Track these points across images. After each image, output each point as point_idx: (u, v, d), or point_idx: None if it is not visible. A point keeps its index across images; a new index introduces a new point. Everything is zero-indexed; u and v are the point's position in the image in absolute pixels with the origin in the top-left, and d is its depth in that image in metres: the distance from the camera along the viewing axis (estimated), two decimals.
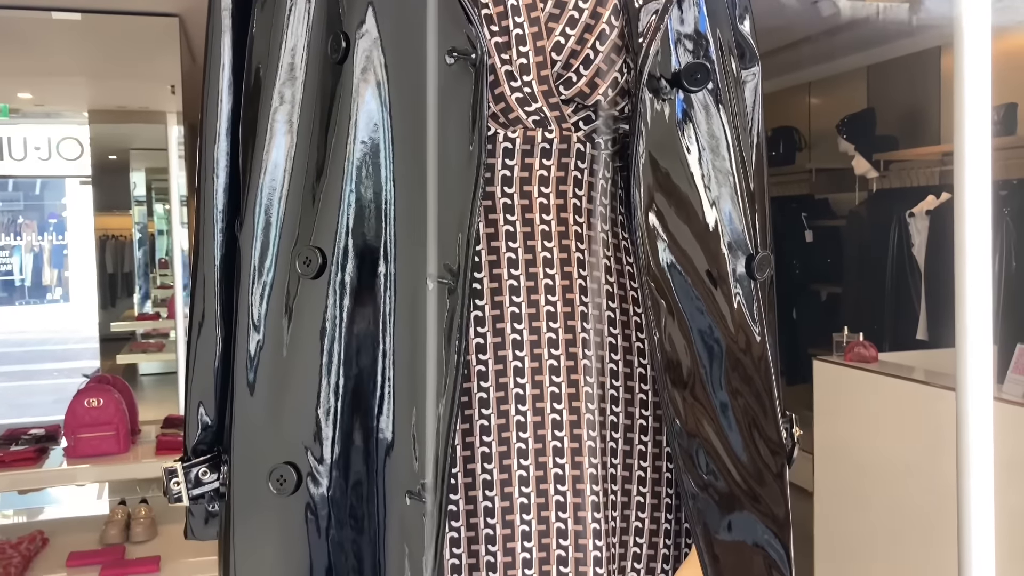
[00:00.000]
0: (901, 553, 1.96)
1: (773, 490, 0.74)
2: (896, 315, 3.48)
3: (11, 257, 12.22)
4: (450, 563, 0.72)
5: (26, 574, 2.42)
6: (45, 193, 12.20)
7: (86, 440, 2.88)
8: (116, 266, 8.99)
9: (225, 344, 0.75)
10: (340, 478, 0.68)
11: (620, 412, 0.75)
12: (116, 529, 2.68)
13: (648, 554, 0.77)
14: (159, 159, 7.58)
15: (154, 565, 2.44)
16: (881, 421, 2.05)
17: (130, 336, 7.29)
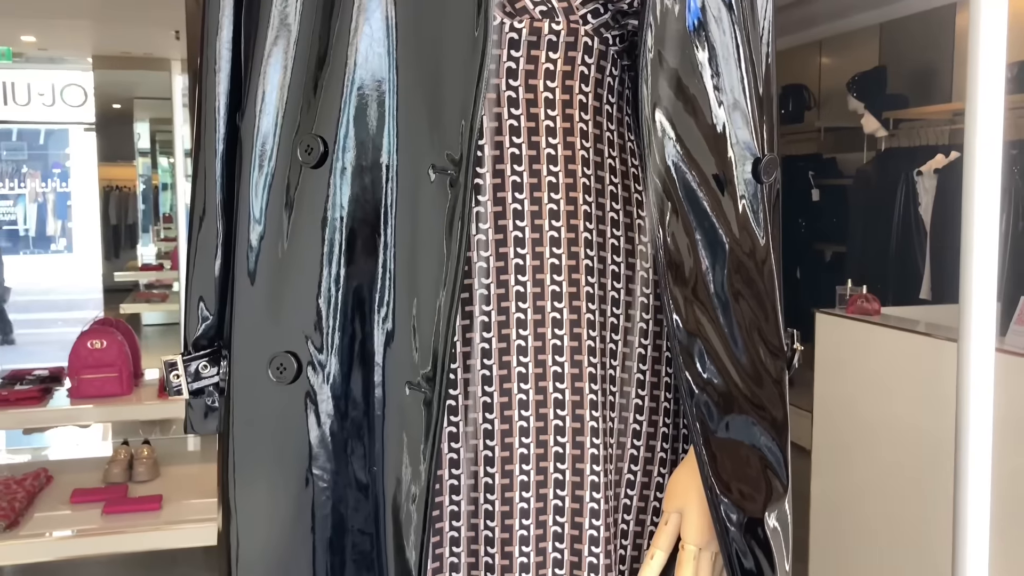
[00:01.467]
0: (898, 510, 1.97)
1: (772, 393, 0.74)
2: (900, 274, 3.47)
3: (15, 207, 12.21)
4: (448, 456, 0.73)
5: (30, 509, 2.45)
6: (49, 142, 12.15)
7: (89, 381, 2.89)
8: (120, 217, 8.98)
9: (226, 238, 0.74)
10: (340, 367, 0.68)
11: (620, 314, 0.75)
12: (119, 468, 2.71)
13: (645, 456, 0.78)
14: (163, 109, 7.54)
15: (156, 503, 2.47)
16: (882, 375, 2.05)
17: (133, 287, 7.32)
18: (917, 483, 1.91)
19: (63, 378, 3.13)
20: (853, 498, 2.13)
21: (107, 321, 3.13)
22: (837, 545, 2.17)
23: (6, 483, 2.55)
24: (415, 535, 0.67)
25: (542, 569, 0.73)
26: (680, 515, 0.72)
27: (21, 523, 2.35)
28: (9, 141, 12.05)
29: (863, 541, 2.08)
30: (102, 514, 2.41)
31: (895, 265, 3.50)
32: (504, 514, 0.73)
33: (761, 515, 0.72)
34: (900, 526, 1.96)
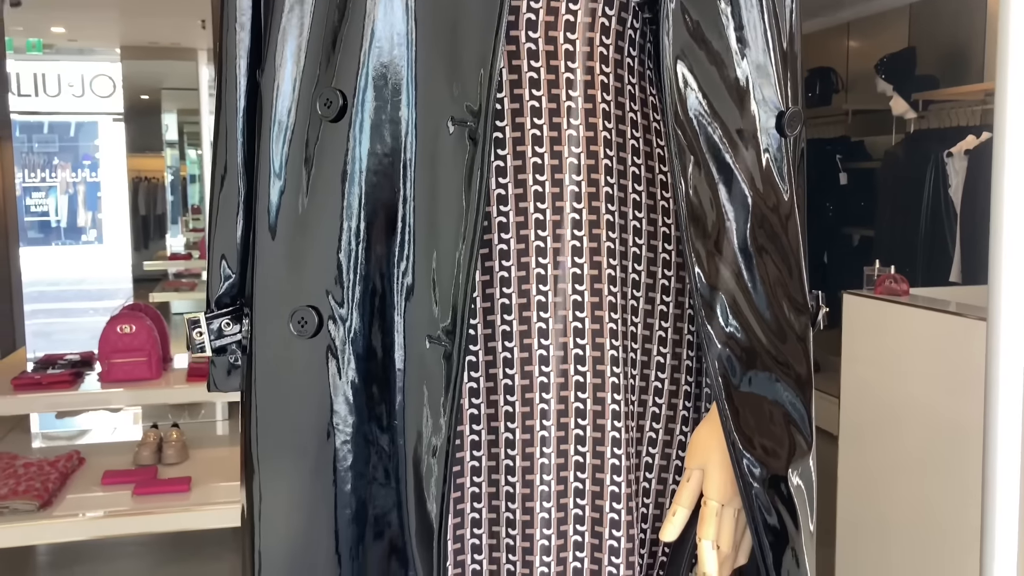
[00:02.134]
0: (926, 494, 1.95)
1: (796, 350, 0.73)
2: (930, 258, 3.43)
3: (47, 198, 12.38)
4: (469, 412, 0.73)
5: (63, 490, 2.49)
6: (80, 134, 12.29)
7: (119, 365, 2.93)
8: (148, 208, 9.08)
9: (247, 196, 0.75)
10: (361, 321, 0.69)
11: (642, 271, 0.74)
12: (149, 451, 2.75)
13: (667, 415, 0.77)
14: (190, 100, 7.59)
15: (185, 485, 2.50)
16: (911, 357, 2.02)
17: (162, 276, 7.40)
18: (945, 465, 1.89)
19: (94, 363, 3.18)
20: (880, 483, 2.11)
21: (136, 306, 3.17)
22: (864, 530, 2.15)
23: (39, 465, 2.60)
24: (436, 487, 0.67)
25: (563, 525, 0.73)
26: (702, 472, 0.72)
27: (54, 503, 2.39)
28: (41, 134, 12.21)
29: (890, 525, 2.06)
30: (132, 495, 2.45)
31: (924, 248, 3.46)
32: (525, 469, 0.73)
33: (785, 472, 0.71)
34: (928, 509, 1.94)
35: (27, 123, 11.57)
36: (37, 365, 3.11)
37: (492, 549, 0.75)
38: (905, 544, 2.00)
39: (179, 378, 2.95)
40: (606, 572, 0.73)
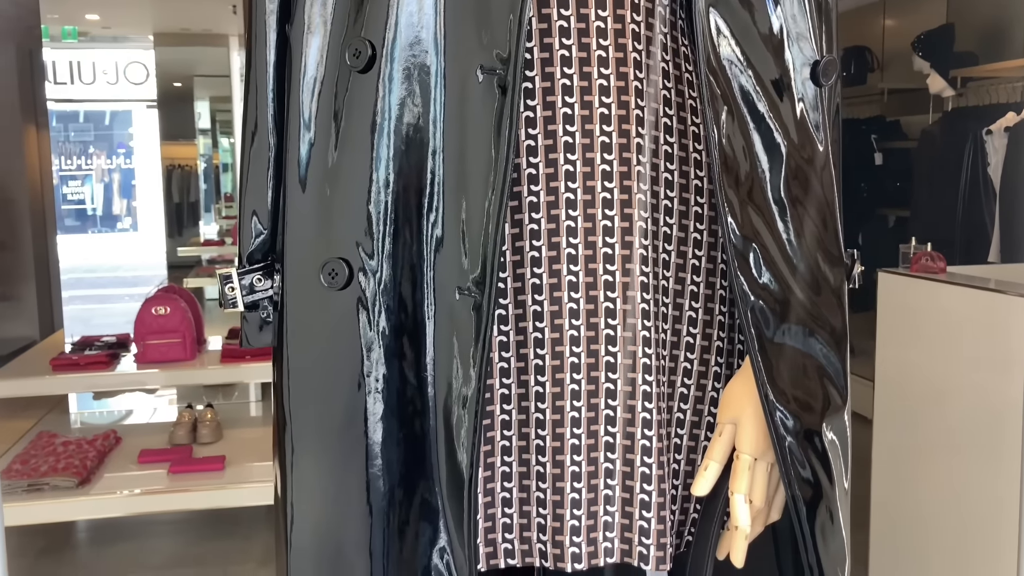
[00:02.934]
0: (964, 475, 1.91)
1: (831, 302, 0.72)
2: (968, 238, 3.37)
3: (83, 187, 12.55)
4: (499, 366, 0.73)
5: (100, 469, 2.53)
6: (114, 123, 12.44)
7: (154, 346, 2.97)
8: (182, 196, 9.18)
9: (278, 152, 0.75)
10: (390, 273, 0.69)
11: (674, 224, 0.73)
12: (184, 431, 2.78)
13: (699, 370, 0.76)
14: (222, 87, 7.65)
15: (219, 464, 2.53)
16: (948, 337, 1.99)
17: (196, 262, 7.49)
18: (983, 447, 1.85)
19: (129, 344, 3.23)
20: (916, 466, 2.08)
21: (171, 288, 3.21)
22: (899, 514, 2.13)
23: (78, 443, 2.64)
24: (466, 437, 0.67)
25: (593, 479, 0.73)
26: (735, 426, 0.71)
27: (92, 481, 2.43)
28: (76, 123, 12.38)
29: (925, 509, 2.03)
30: (168, 474, 2.49)
31: (962, 228, 3.40)
32: (555, 422, 0.73)
33: (819, 426, 0.70)
34: (965, 493, 1.90)
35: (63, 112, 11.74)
36: (75, 347, 3.16)
37: (522, 503, 0.74)
38: (941, 528, 1.97)
39: (213, 359, 2.98)
40: (637, 526, 0.72)
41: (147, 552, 2.66)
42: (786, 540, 0.76)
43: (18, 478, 2.35)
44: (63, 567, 2.57)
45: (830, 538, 0.70)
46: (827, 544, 0.70)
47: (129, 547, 2.70)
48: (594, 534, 0.73)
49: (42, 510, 2.30)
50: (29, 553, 2.66)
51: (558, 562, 0.73)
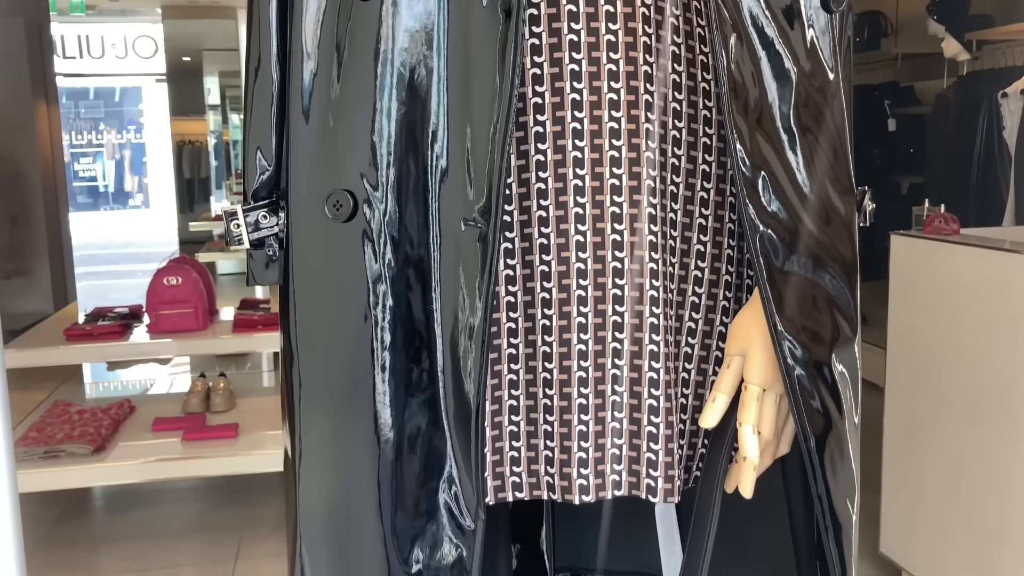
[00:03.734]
0: (976, 440, 1.90)
1: (840, 233, 0.71)
2: (982, 203, 3.34)
3: (94, 164, 12.59)
4: (505, 300, 0.73)
5: (115, 437, 2.55)
6: (124, 99, 12.45)
7: (166, 317, 2.98)
8: (193, 171, 9.20)
9: (281, 86, 0.74)
10: (395, 204, 0.68)
11: (682, 155, 0.73)
12: (197, 399, 2.80)
13: (707, 304, 0.76)
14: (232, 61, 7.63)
15: (232, 431, 2.55)
16: (962, 300, 1.97)
17: (208, 237, 7.52)
18: (996, 412, 1.84)
19: (142, 315, 3.24)
20: (928, 431, 2.07)
21: (182, 259, 3.22)
22: (910, 480, 2.12)
23: (92, 412, 2.66)
24: (474, 369, 0.67)
25: (601, 411, 0.72)
26: (743, 358, 0.70)
27: (107, 448, 2.46)
28: (87, 100, 12.39)
29: (937, 475, 2.02)
30: (182, 441, 2.51)
31: (976, 194, 3.36)
32: (562, 355, 0.72)
33: (828, 358, 0.69)
34: (978, 456, 1.90)
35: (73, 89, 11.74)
36: (88, 317, 3.18)
37: (530, 436, 0.74)
38: (953, 493, 1.97)
39: (225, 329, 3.00)
40: (644, 459, 0.72)
41: (162, 519, 2.69)
42: (795, 472, 0.76)
43: (34, 445, 2.38)
44: (80, 533, 2.60)
45: (840, 470, 0.70)
46: (836, 476, 0.69)
47: (144, 514, 2.73)
48: (601, 466, 0.73)
49: (58, 476, 2.33)
50: (46, 520, 2.70)
51: (566, 494, 0.73)
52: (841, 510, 0.69)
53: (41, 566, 2.39)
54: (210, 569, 2.33)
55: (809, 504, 0.75)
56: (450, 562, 0.68)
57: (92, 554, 2.46)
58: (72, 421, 2.57)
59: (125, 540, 2.54)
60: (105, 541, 2.54)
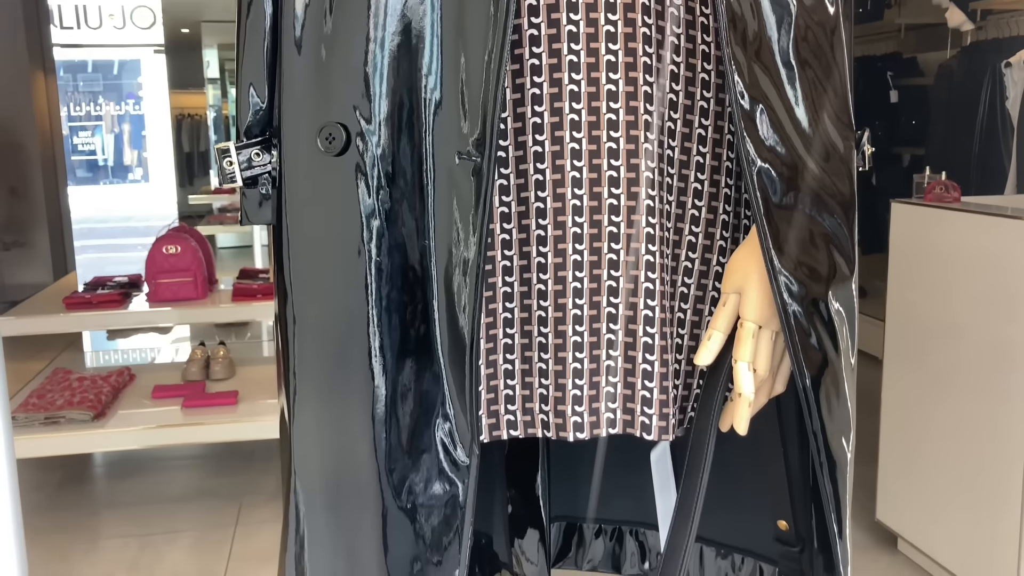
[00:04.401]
0: (972, 411, 1.91)
1: (839, 169, 0.71)
2: (983, 174, 3.32)
3: (93, 137, 12.54)
4: (500, 238, 0.72)
5: (115, 404, 2.56)
6: (123, 73, 12.38)
7: (165, 285, 2.98)
8: (192, 145, 9.17)
9: (274, 21, 0.73)
10: (389, 137, 0.68)
11: (680, 91, 0.72)
12: (196, 367, 2.81)
13: (704, 244, 0.76)
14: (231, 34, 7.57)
15: (232, 399, 2.56)
16: (962, 268, 1.96)
17: (207, 211, 7.50)
18: (993, 381, 1.84)
19: (141, 285, 3.24)
20: (926, 403, 2.07)
21: (181, 228, 3.21)
22: (907, 452, 2.13)
23: (92, 379, 2.67)
24: (468, 303, 0.67)
25: (595, 349, 0.72)
26: (739, 295, 0.70)
27: (107, 415, 2.46)
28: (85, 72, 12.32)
29: (934, 447, 2.03)
30: (182, 408, 2.51)
31: (978, 165, 3.35)
32: (557, 293, 0.72)
33: (825, 295, 0.69)
34: (974, 428, 1.90)
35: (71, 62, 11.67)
36: (87, 287, 3.18)
37: (524, 374, 0.74)
38: (948, 464, 1.97)
39: (225, 298, 3.00)
40: (639, 396, 0.72)
41: (163, 486, 2.70)
42: (790, 413, 0.76)
43: (34, 411, 2.38)
44: (81, 498, 2.61)
45: (835, 408, 0.70)
46: (832, 413, 0.69)
47: (145, 481, 2.75)
48: (596, 404, 0.73)
49: (59, 442, 2.34)
50: (47, 486, 2.71)
51: (560, 431, 0.73)
52: (836, 448, 0.69)
53: (43, 530, 2.40)
54: (210, 534, 2.35)
55: (805, 447, 0.75)
56: (444, 497, 0.68)
57: (93, 519, 2.47)
58: (72, 388, 2.58)
59: (126, 506, 2.55)
60: (106, 507, 2.56)
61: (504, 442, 0.92)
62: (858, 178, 0.74)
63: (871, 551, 2.22)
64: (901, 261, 2.18)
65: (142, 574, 2.14)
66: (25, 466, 2.87)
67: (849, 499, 0.71)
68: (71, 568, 2.18)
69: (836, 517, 0.69)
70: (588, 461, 0.94)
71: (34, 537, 2.35)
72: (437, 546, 0.68)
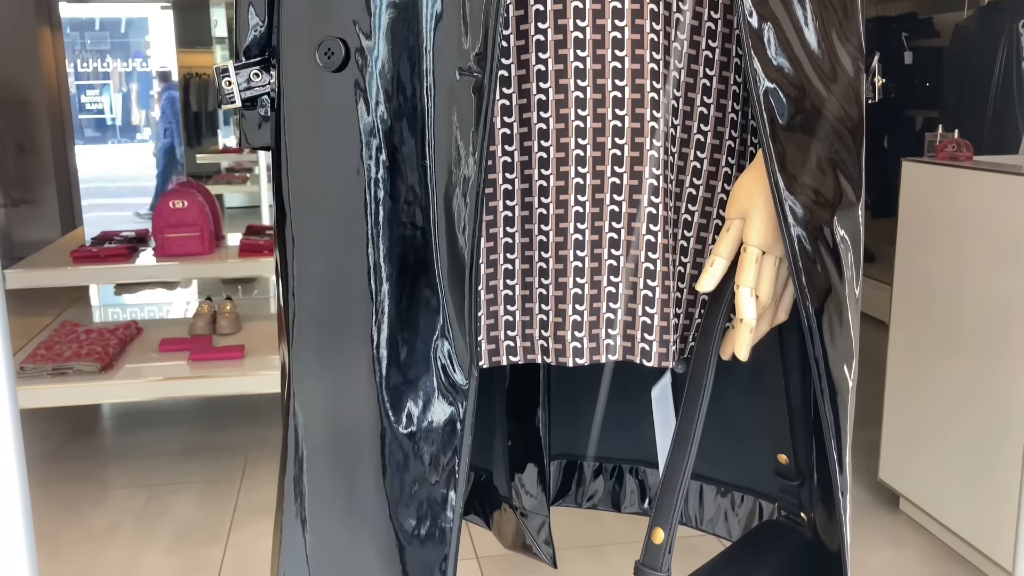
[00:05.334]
0: (976, 374, 1.90)
1: (847, 93, 0.69)
2: (997, 135, 3.28)
3: (101, 96, 12.49)
4: (502, 160, 0.72)
5: (122, 357, 2.57)
6: (130, 31, 12.30)
7: (172, 240, 2.98)
8: (200, 104, 9.13)
9: None
10: (388, 53, 0.67)
11: (687, 11, 0.70)
12: (203, 322, 2.81)
13: (709, 170, 0.75)
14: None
15: (239, 352, 2.57)
16: (972, 229, 1.94)
17: (215, 171, 7.49)
18: (997, 342, 1.83)
19: (148, 240, 3.25)
20: (931, 364, 2.07)
21: (189, 183, 3.21)
22: (912, 412, 2.12)
23: (100, 332, 2.68)
24: (468, 223, 0.66)
25: (597, 275, 0.72)
26: (743, 221, 0.69)
27: (115, 367, 2.48)
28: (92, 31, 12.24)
29: (938, 406, 2.02)
30: (188, 361, 2.52)
31: (992, 126, 3.31)
32: (559, 217, 0.71)
33: (830, 220, 0.68)
34: (977, 389, 1.89)
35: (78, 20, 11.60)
36: (94, 240, 3.19)
37: (525, 300, 0.74)
38: (950, 423, 1.97)
39: (231, 254, 3.00)
40: (640, 323, 0.72)
41: (169, 438, 2.72)
42: (792, 342, 0.75)
43: (42, 362, 2.40)
44: (88, 450, 2.64)
45: (838, 335, 0.69)
46: (835, 341, 0.68)
47: (152, 434, 2.77)
48: (596, 330, 0.72)
49: (66, 393, 2.35)
50: (55, 437, 2.73)
51: (559, 357, 0.73)
52: (838, 376, 0.68)
53: (51, 479, 2.43)
54: (216, 487, 2.37)
55: (807, 379, 0.74)
56: (442, 420, 0.68)
57: (101, 470, 2.50)
58: (80, 340, 2.59)
59: (133, 458, 2.58)
60: (113, 458, 2.58)
61: (505, 376, 0.92)
62: (868, 138, 0.73)
63: (873, 511, 2.23)
64: (911, 221, 2.16)
65: (149, 523, 2.17)
66: (33, 417, 2.90)
67: (850, 429, 0.71)
68: (79, 517, 2.21)
69: (836, 445, 0.68)
70: (589, 399, 0.94)
71: (43, 486, 2.37)
72: (436, 466, 0.68)
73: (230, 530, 2.13)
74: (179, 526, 2.15)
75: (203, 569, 1.95)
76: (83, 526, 2.15)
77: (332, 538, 0.71)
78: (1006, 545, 1.80)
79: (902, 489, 2.15)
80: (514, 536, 0.97)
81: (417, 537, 0.69)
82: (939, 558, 1.99)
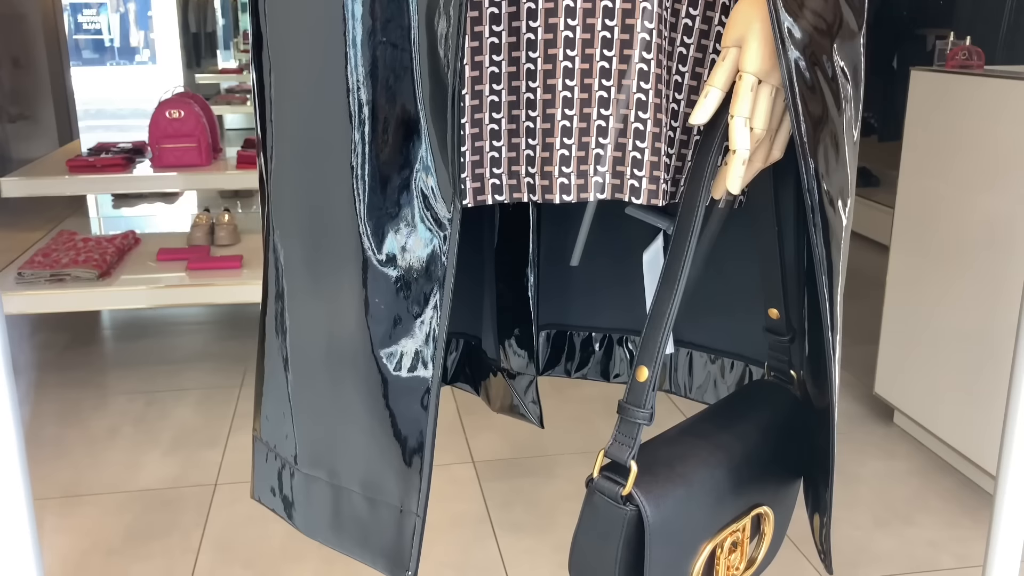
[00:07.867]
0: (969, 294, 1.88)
1: None
2: (1012, 54, 3.21)
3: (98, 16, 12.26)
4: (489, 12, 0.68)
5: (120, 266, 2.56)
6: None
7: (169, 151, 2.95)
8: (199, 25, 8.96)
9: None
10: None
11: None
12: (201, 232, 2.80)
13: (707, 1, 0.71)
14: None
15: (237, 262, 2.56)
16: (984, 142, 1.90)
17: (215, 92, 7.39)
18: (989, 255, 1.82)
19: (145, 151, 3.21)
20: (928, 285, 2.05)
21: (186, 94, 3.16)
22: (909, 329, 2.12)
23: (97, 241, 2.67)
24: (451, 40, 0.63)
25: (586, 107, 0.69)
26: (739, 49, 0.65)
27: (113, 275, 2.47)
28: None
29: (934, 325, 2.01)
30: (187, 270, 2.52)
31: (1006, 45, 3.24)
32: (547, 43, 0.69)
33: (829, 48, 0.65)
34: (969, 302, 1.88)
35: None
36: (91, 151, 3.16)
37: (511, 135, 0.72)
38: (945, 339, 1.97)
39: (229, 166, 2.97)
40: (630, 158, 0.70)
41: (169, 348, 2.73)
42: (786, 182, 0.73)
43: (40, 268, 2.39)
44: (89, 358, 2.65)
45: (833, 170, 0.66)
46: (829, 175, 0.66)
47: (151, 343, 2.78)
48: (584, 167, 0.70)
49: (64, 299, 2.35)
50: (56, 346, 2.75)
51: (546, 194, 0.71)
52: (831, 212, 0.66)
53: (52, 384, 2.44)
54: (216, 394, 2.38)
55: (800, 228, 0.72)
56: (425, 253, 0.67)
57: (102, 376, 2.51)
58: (77, 248, 2.58)
59: (133, 366, 2.59)
60: (114, 366, 2.59)
61: (494, 237, 0.90)
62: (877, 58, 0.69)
63: (867, 423, 2.24)
64: (918, 134, 2.12)
65: (148, 427, 2.19)
66: (32, 326, 2.91)
67: (843, 269, 0.69)
68: (80, 420, 2.23)
69: (828, 286, 0.66)
70: (579, 267, 0.92)
71: (43, 391, 2.39)
72: (418, 299, 0.67)
73: (229, 433, 2.15)
74: (178, 430, 2.17)
75: (203, 469, 1.97)
76: (83, 428, 2.18)
77: (314, 376, 0.71)
78: (993, 450, 1.82)
79: (897, 402, 2.16)
80: (502, 400, 0.96)
81: (399, 371, 0.68)
82: (929, 468, 2.01)
